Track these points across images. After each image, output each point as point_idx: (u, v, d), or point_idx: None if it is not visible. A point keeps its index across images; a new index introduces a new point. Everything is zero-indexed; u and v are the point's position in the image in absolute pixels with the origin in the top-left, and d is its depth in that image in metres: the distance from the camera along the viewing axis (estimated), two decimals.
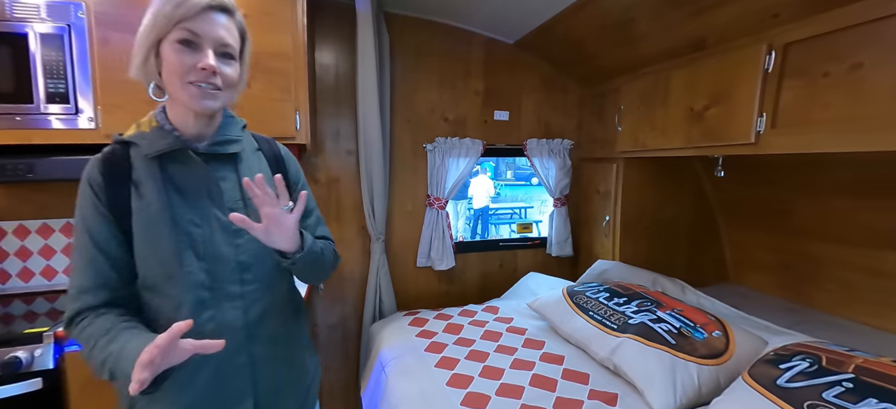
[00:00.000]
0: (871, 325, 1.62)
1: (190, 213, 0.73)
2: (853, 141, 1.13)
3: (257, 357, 0.78)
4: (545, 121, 2.38)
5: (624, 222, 2.15)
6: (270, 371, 0.81)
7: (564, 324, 1.58)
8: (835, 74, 1.18)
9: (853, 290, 1.70)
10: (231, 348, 0.70)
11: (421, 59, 2.11)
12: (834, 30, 1.17)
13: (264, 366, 0.80)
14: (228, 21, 0.73)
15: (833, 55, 1.19)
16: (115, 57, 1.32)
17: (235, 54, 0.74)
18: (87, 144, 1.33)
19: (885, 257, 1.57)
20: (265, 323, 0.80)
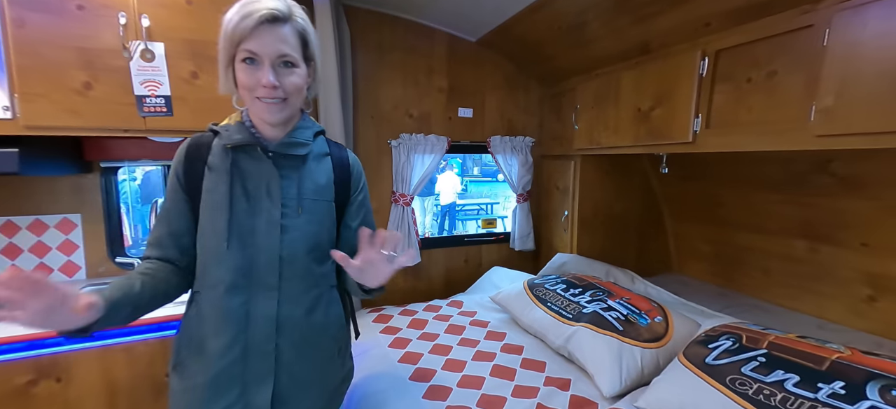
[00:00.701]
0: (787, 306, 1.85)
1: (246, 203, 0.81)
2: (769, 141, 1.29)
3: (283, 350, 0.82)
4: (508, 118, 2.48)
5: (581, 216, 2.30)
6: (294, 366, 0.84)
7: (524, 315, 1.69)
8: (755, 79, 1.34)
9: (771, 275, 1.93)
10: (261, 335, 0.80)
11: (383, 54, 2.14)
12: (755, 39, 1.33)
13: (289, 359, 0.83)
14: (284, 29, 0.76)
15: (754, 62, 1.34)
16: (35, 40, 1.22)
17: (297, 61, 0.78)
18: (3, 136, 1.23)
19: (795, 245, 1.79)
20: (297, 319, 0.84)
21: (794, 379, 1.00)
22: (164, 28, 1.34)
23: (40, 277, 0.60)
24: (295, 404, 0.85)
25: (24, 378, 1.15)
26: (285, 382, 0.83)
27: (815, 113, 1.16)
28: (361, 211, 0.95)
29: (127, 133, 1.35)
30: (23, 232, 1.56)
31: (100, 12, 1.27)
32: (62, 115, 1.27)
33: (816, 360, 1.03)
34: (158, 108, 1.36)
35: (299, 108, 0.86)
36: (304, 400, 0.86)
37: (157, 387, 1.29)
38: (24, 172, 1.23)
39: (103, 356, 1.23)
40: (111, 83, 1.31)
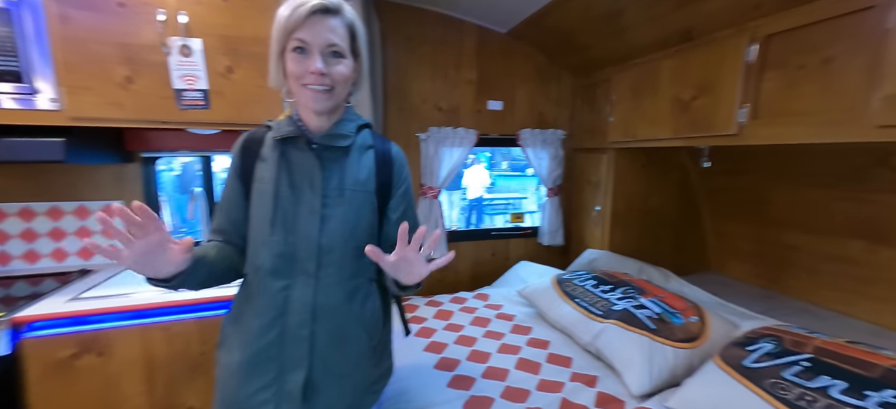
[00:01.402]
0: (838, 310, 1.75)
1: (291, 192, 0.85)
2: (823, 133, 1.22)
3: (318, 337, 0.85)
4: (539, 111, 2.45)
5: (614, 211, 2.25)
6: (328, 355, 0.86)
7: (551, 311, 1.68)
8: (809, 66, 1.27)
9: (821, 277, 1.82)
10: (297, 320, 0.84)
11: (413, 47, 2.16)
12: (810, 23, 1.25)
13: (323, 347, 0.85)
14: (334, 21, 0.81)
15: (808, 47, 1.27)
16: (80, 36, 1.29)
17: (345, 51, 0.82)
18: (50, 126, 1.31)
19: (851, 245, 1.68)
20: (332, 308, 0.86)
21: (840, 386, 0.95)
22: (201, 24, 1.41)
23: (154, 215, 0.69)
24: (326, 392, 0.86)
25: (67, 352, 1.25)
26: (318, 369, 0.85)
27: (878, 102, 1.08)
28: (403, 204, 0.96)
29: (166, 125, 1.44)
30: (67, 217, 1.69)
31: (139, 10, 1.35)
32: (106, 107, 1.36)
33: (867, 366, 0.98)
34: (196, 101, 1.43)
35: (344, 99, 0.88)
36: (335, 390, 0.87)
37: (192, 365, 1.38)
38: (69, 160, 1.33)
39: (143, 333, 1.31)
40: (152, 77, 1.39)
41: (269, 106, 1.53)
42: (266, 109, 1.53)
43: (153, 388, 1.35)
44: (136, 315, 1.31)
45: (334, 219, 0.86)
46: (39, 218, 1.66)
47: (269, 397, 0.84)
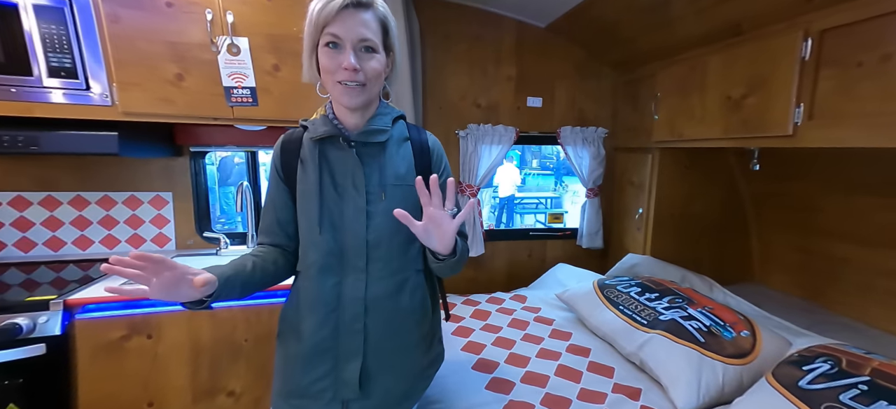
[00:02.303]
0: (891, 331, 1.62)
1: (335, 192, 0.88)
2: (882, 136, 1.13)
3: (370, 329, 0.89)
4: (579, 108, 2.40)
5: (657, 214, 2.18)
6: (381, 345, 0.90)
7: (593, 317, 1.64)
8: (867, 63, 1.18)
9: (873, 293, 1.70)
10: (351, 315, 0.88)
11: (451, 44, 2.17)
12: (868, 17, 1.17)
13: (376, 339, 0.89)
14: (367, 15, 0.81)
15: (866, 44, 1.18)
16: (129, 35, 1.37)
17: (377, 46, 0.83)
18: (102, 121, 1.40)
19: None
20: (383, 301, 0.89)
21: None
22: (247, 24, 1.47)
23: (162, 258, 0.70)
24: (381, 381, 0.91)
25: (119, 334, 1.34)
26: (372, 359, 0.89)
27: None
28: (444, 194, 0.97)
29: (216, 121, 1.51)
30: (119, 206, 1.81)
31: (188, 9, 1.41)
32: (157, 103, 1.44)
33: None
34: (245, 98, 1.50)
35: (377, 95, 0.89)
36: (389, 379, 0.92)
37: (235, 350, 1.45)
38: (122, 153, 1.42)
39: (191, 319, 1.39)
40: (201, 75, 1.46)
41: (314, 102, 1.55)
42: (311, 106, 1.57)
43: (197, 371, 1.42)
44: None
45: (379, 215, 0.88)
46: (91, 207, 1.78)
47: (327, 385, 0.89)
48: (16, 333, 1.20)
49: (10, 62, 1.29)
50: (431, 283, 1.01)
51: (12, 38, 1.28)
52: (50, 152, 1.36)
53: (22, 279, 1.48)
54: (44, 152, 1.35)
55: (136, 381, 1.37)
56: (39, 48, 1.31)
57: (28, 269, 1.59)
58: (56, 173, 1.72)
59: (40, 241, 1.73)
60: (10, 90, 1.31)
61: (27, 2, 1.28)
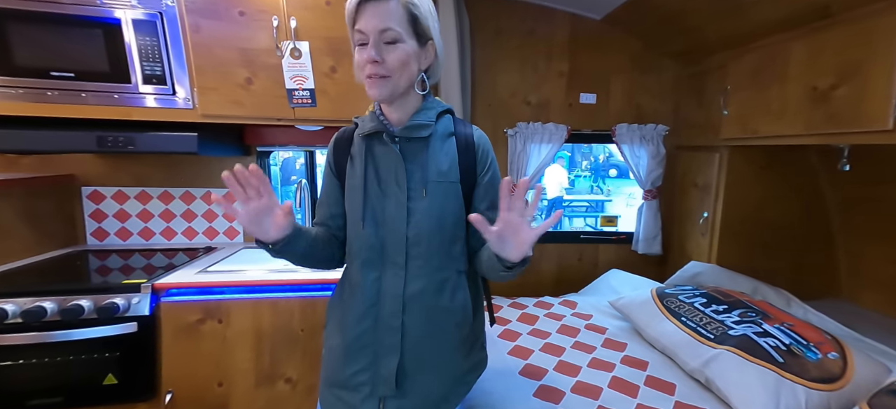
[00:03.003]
0: None
1: (378, 187, 0.88)
2: None
3: (408, 327, 0.87)
4: (636, 103, 2.26)
5: (725, 219, 1.98)
6: (418, 344, 0.88)
7: (651, 327, 1.53)
8: None
9: None
10: (389, 310, 0.87)
11: (502, 41, 2.12)
12: None
13: (413, 337, 0.88)
14: (389, 4, 0.78)
15: None
16: (208, 43, 1.47)
17: (400, 36, 0.80)
18: (185, 122, 1.52)
19: None
20: (421, 299, 0.88)
21: None
22: (308, 28, 1.52)
23: (265, 181, 0.77)
24: (418, 380, 0.89)
25: (195, 317, 1.45)
26: (410, 358, 0.88)
27: None
28: (490, 192, 0.93)
29: (279, 122, 1.59)
30: (197, 201, 1.96)
31: (257, 17, 1.49)
32: (229, 106, 1.54)
33: None
34: (304, 99, 1.56)
35: (408, 87, 0.85)
36: (426, 379, 0.89)
37: (292, 340, 1.51)
38: (200, 152, 1.53)
39: (255, 306, 1.47)
40: (267, 79, 1.53)
41: (368, 102, 1.60)
42: (365, 106, 1.61)
43: (260, 356, 1.50)
44: (250, 290, 1.47)
45: (419, 212, 0.86)
46: (175, 201, 1.94)
47: (366, 379, 0.89)
48: (114, 311, 1.34)
49: (114, 71, 1.44)
50: (475, 285, 0.97)
51: (115, 50, 1.43)
52: (143, 151, 1.49)
53: (120, 264, 1.65)
54: (138, 151, 1.49)
55: (209, 361, 1.47)
56: (136, 58, 1.45)
57: (125, 255, 1.76)
58: (148, 170, 1.90)
59: (135, 231, 1.92)
60: (114, 96, 1.46)
61: (128, 17, 1.41)
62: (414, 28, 0.81)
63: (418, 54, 0.84)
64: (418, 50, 0.83)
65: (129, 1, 1.40)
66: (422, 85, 0.89)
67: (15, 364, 1.31)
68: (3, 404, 1.32)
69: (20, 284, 1.40)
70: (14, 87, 1.40)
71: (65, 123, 1.45)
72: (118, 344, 1.37)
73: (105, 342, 1.35)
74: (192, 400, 1.46)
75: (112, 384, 1.39)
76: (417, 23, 0.82)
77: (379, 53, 0.79)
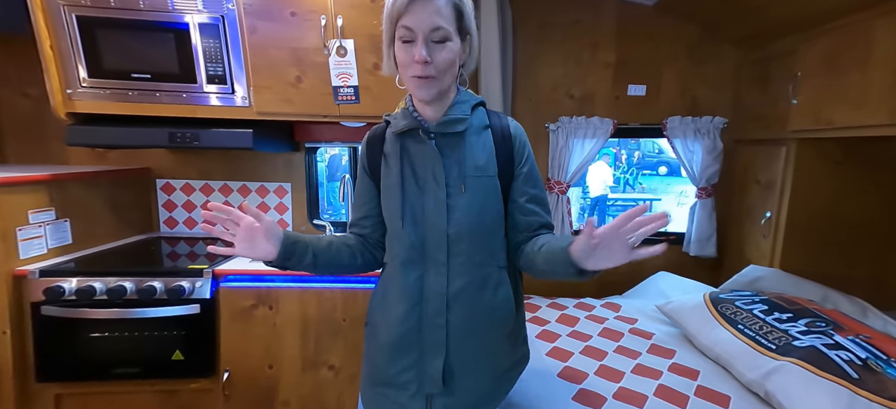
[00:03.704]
0: None
1: (416, 185, 0.86)
2: None
3: (452, 325, 0.86)
4: (691, 95, 2.09)
5: (791, 219, 1.79)
6: (463, 342, 0.86)
7: (703, 334, 1.41)
8: None
9: None
10: (433, 309, 0.86)
11: (545, 33, 2.05)
12: None
13: (458, 335, 0.86)
14: (439, 2, 0.76)
15: None
16: (263, 43, 1.53)
17: (450, 34, 0.78)
18: (241, 120, 1.60)
19: None
20: (463, 297, 0.86)
21: None
22: (354, 26, 1.54)
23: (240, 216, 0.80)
24: (465, 378, 0.87)
25: (249, 302, 1.53)
26: (455, 355, 0.86)
27: None
28: (528, 185, 0.89)
29: (326, 119, 1.63)
30: (253, 194, 2.07)
31: (307, 17, 1.53)
32: (281, 103, 1.60)
33: None
34: (349, 96, 1.59)
35: (452, 84, 0.84)
36: (472, 376, 0.88)
37: (335, 329, 1.56)
38: (255, 148, 1.60)
39: (301, 295, 1.54)
40: (315, 77, 1.58)
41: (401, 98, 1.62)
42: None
43: (306, 343, 1.56)
44: (297, 279, 1.53)
45: (459, 209, 0.84)
46: (234, 194, 2.07)
47: (412, 377, 0.88)
48: (181, 293, 1.46)
49: (183, 72, 1.55)
50: (515, 280, 0.94)
51: (184, 52, 1.53)
52: (206, 147, 1.59)
53: (187, 251, 1.79)
54: (202, 147, 1.59)
55: (261, 345, 1.55)
56: (201, 59, 1.54)
57: (191, 243, 1.91)
58: (210, 165, 2.03)
59: (199, 221, 2.07)
60: (182, 95, 1.57)
61: (195, 21, 1.51)
62: (459, 25, 0.80)
63: (461, 51, 0.82)
64: (460, 44, 0.81)
65: (196, 6, 1.49)
66: (461, 79, 0.87)
67: (102, 336, 1.46)
68: (93, 370, 1.47)
69: (106, 265, 1.55)
70: (102, 88, 1.54)
71: (142, 120, 1.58)
72: (184, 324, 1.48)
73: (173, 321, 1.47)
74: (245, 380, 1.55)
75: (179, 360, 1.50)
76: (462, 19, 0.80)
77: (428, 52, 0.76)
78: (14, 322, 1.40)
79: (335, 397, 1.59)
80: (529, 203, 0.88)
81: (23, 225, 1.43)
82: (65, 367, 1.46)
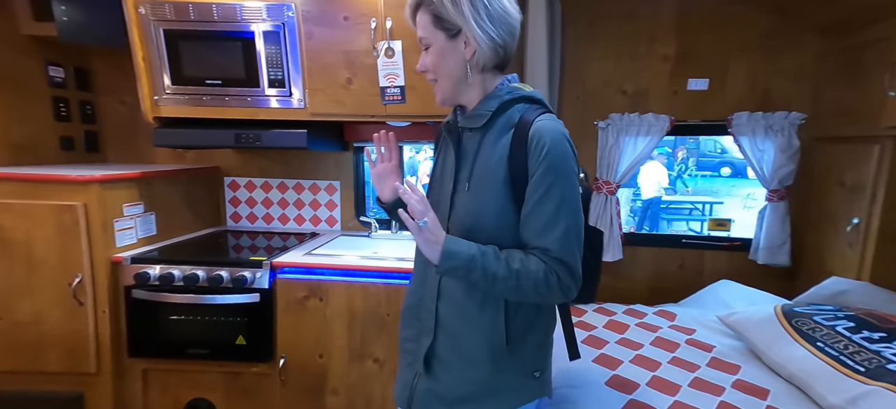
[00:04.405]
0: None
1: (440, 176, 0.92)
2: None
3: (442, 315, 0.86)
4: (763, 88, 1.88)
5: (884, 227, 1.55)
6: (449, 334, 0.85)
7: (773, 351, 1.26)
8: None
9: None
10: (428, 294, 0.89)
11: (596, 26, 1.94)
12: None
13: (446, 326, 0.86)
14: (419, 16, 0.81)
15: None
16: (318, 48, 1.59)
17: (429, 41, 0.81)
18: (296, 121, 1.67)
19: None
20: (453, 294, 0.84)
21: None
22: (402, 27, 1.56)
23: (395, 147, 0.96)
24: (446, 368, 0.86)
25: (302, 293, 1.59)
26: (442, 344, 0.87)
27: None
28: (535, 193, 0.76)
29: (373, 118, 1.66)
30: (306, 191, 2.17)
31: (359, 20, 1.57)
32: (332, 104, 1.65)
33: None
34: (395, 96, 1.61)
35: (456, 80, 0.82)
36: (452, 372, 0.86)
37: (379, 322, 1.58)
38: (308, 147, 1.67)
39: (348, 288, 1.57)
40: (364, 78, 1.61)
41: None
42: None
43: (353, 334, 1.60)
44: (345, 274, 1.57)
45: (459, 206, 0.83)
46: (289, 191, 2.17)
47: (411, 348, 0.94)
48: (244, 282, 1.55)
49: (248, 77, 1.65)
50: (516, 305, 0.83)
51: (250, 59, 1.63)
52: (266, 147, 1.68)
53: (249, 244, 1.91)
54: (263, 147, 1.68)
55: (312, 334, 1.61)
56: (264, 65, 1.63)
57: (252, 236, 2.04)
58: (269, 164, 2.16)
59: (259, 216, 2.21)
60: (247, 99, 1.67)
61: (260, 29, 1.60)
62: (439, 25, 0.80)
63: (448, 47, 0.80)
64: (447, 42, 0.80)
65: (261, 15, 1.59)
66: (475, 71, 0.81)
67: (179, 319, 1.59)
68: (172, 350, 1.61)
69: (182, 254, 1.68)
70: (181, 94, 1.68)
71: (213, 122, 1.70)
72: (246, 311, 1.57)
73: (237, 308, 1.57)
74: (299, 367, 1.62)
75: (242, 345, 1.60)
76: (441, 19, 0.79)
77: (423, 63, 0.84)
78: (112, 303, 1.57)
79: (380, 389, 1.62)
80: (530, 215, 0.76)
81: (119, 217, 1.60)
82: (151, 345, 1.61)
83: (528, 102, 0.83)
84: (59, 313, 1.53)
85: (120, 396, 1.64)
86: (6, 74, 1.70)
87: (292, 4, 1.56)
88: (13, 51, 1.72)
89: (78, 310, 1.53)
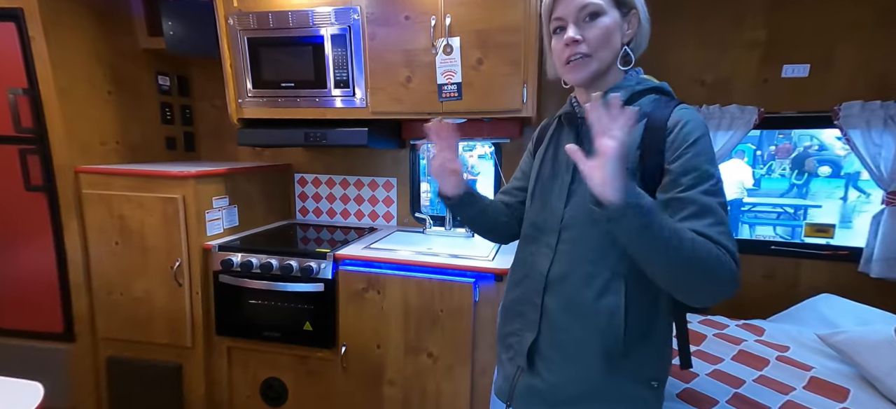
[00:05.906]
0: None
1: (552, 167, 0.88)
2: None
3: (548, 308, 0.82)
4: (879, 73, 1.59)
5: None
6: (556, 330, 0.82)
7: (892, 378, 1.04)
8: None
9: None
10: (533, 287, 0.86)
11: (669, 14, 1.76)
12: None
13: (552, 321, 0.82)
14: None
15: None
16: (380, 48, 1.62)
17: (602, 8, 0.73)
18: (358, 119, 1.72)
19: None
20: (564, 285, 0.80)
21: None
22: (460, 23, 1.54)
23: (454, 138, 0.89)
24: (550, 365, 0.82)
25: (361, 285, 1.63)
26: (546, 340, 0.83)
27: None
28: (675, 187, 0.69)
29: (430, 116, 1.66)
30: (365, 187, 2.24)
31: (419, 19, 1.58)
32: (392, 103, 1.68)
33: None
34: (452, 93, 1.59)
35: (609, 64, 0.76)
36: (557, 370, 0.82)
37: (433, 318, 1.58)
38: (369, 145, 1.72)
39: (404, 283, 1.59)
40: (422, 76, 1.62)
41: (512, 93, 1.55)
42: (508, 97, 1.56)
43: (408, 328, 1.61)
44: (401, 268, 1.59)
45: (578, 195, 0.80)
46: (350, 187, 2.26)
47: (513, 343, 0.90)
48: (310, 272, 1.64)
49: (317, 79, 1.74)
50: (643, 297, 0.76)
51: (319, 61, 1.72)
52: (331, 145, 1.76)
53: (315, 236, 2.01)
54: (328, 145, 1.76)
55: (371, 325, 1.66)
56: (331, 67, 1.71)
57: (318, 229, 2.15)
58: (333, 161, 2.26)
59: (324, 210, 2.33)
60: (316, 100, 1.76)
61: (328, 33, 1.68)
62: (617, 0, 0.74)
63: (621, 25, 0.75)
64: (620, 20, 0.75)
65: (330, 20, 1.66)
66: (625, 59, 0.76)
67: (256, 303, 1.72)
68: (251, 331, 1.74)
69: (259, 244, 1.82)
70: (261, 97, 1.82)
71: (286, 123, 1.82)
72: (311, 299, 1.66)
73: (304, 296, 1.66)
74: (358, 356, 1.67)
75: (308, 331, 1.69)
76: None
77: (578, 31, 0.73)
78: (203, 286, 1.75)
79: (434, 384, 1.61)
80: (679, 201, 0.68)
81: (209, 209, 1.78)
82: (234, 325, 1.77)
83: (658, 93, 0.79)
84: (163, 293, 1.74)
85: (210, 370, 1.82)
86: (128, 84, 1.97)
87: (357, 7, 1.61)
88: (134, 64, 1.99)
89: (177, 290, 1.73)
